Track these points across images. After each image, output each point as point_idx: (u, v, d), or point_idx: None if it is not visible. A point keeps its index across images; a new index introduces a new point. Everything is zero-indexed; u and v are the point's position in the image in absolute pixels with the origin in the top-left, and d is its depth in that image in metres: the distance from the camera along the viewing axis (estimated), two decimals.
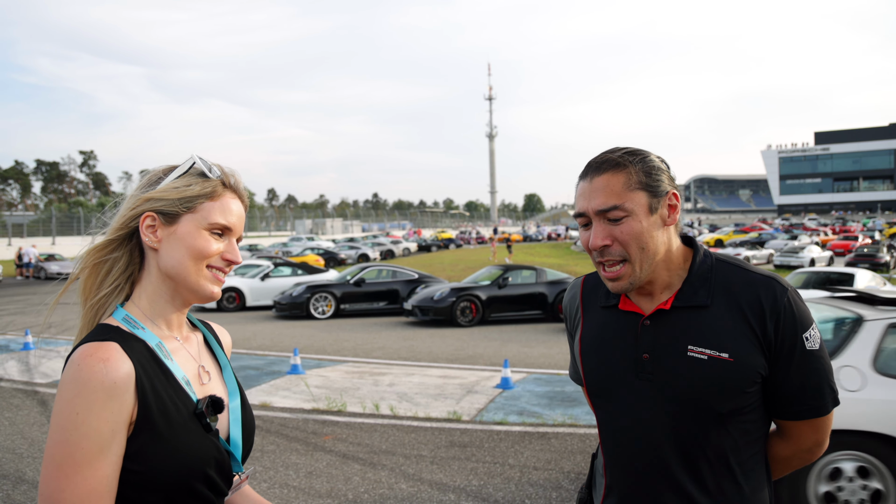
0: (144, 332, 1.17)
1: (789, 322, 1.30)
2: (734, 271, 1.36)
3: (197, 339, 1.31)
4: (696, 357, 1.30)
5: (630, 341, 1.38)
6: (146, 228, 1.19)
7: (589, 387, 1.46)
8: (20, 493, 4.48)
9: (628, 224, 1.30)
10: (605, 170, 1.32)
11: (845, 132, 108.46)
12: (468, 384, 7.74)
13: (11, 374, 8.51)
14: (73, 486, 1.02)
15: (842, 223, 67.52)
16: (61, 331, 13.00)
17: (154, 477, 1.09)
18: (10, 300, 20.01)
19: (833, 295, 4.48)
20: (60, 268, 29.77)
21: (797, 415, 1.35)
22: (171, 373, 1.16)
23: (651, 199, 1.31)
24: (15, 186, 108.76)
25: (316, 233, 63.49)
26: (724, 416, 1.30)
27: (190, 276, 1.19)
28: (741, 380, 1.29)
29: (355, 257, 35.71)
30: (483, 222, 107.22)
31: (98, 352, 1.07)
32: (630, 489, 1.38)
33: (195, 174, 1.22)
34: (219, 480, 1.17)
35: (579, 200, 1.36)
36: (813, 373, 1.32)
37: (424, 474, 4.81)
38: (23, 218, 50.13)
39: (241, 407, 1.28)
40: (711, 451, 1.31)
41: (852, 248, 34.09)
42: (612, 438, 1.42)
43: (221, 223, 1.21)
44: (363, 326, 13.82)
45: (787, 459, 1.44)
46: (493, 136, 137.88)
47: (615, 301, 1.43)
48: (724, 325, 1.31)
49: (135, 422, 1.08)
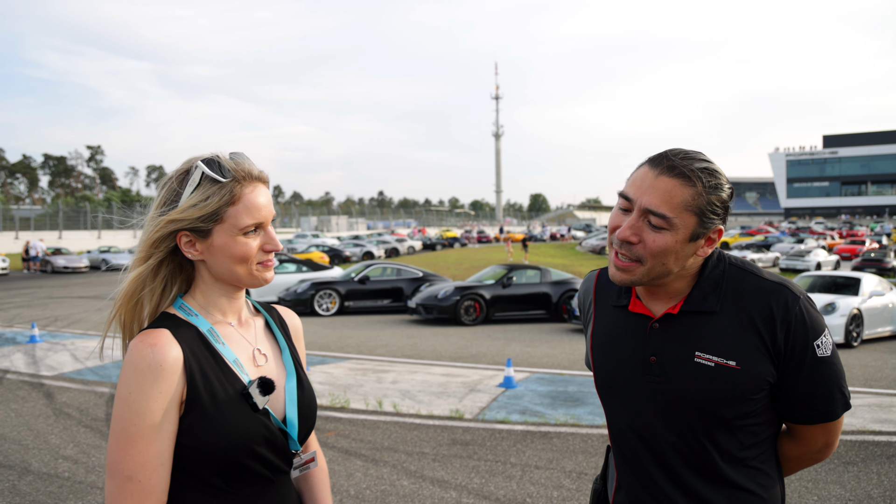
0: (198, 318, 1.26)
1: (800, 330, 1.28)
2: (746, 277, 1.34)
3: (256, 324, 1.37)
4: (702, 364, 1.30)
5: (639, 343, 1.37)
6: (185, 245, 1.25)
7: (598, 381, 1.47)
8: (26, 483, 4.52)
9: (664, 237, 1.26)
10: (678, 175, 1.26)
11: (854, 136, 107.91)
12: (471, 383, 7.76)
13: (18, 367, 8.57)
14: (130, 457, 1.13)
15: (849, 227, 67.12)
16: (67, 324, 13.07)
17: (203, 452, 1.18)
18: (18, 293, 20.12)
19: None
20: (67, 262, 29.96)
21: (807, 419, 1.34)
22: (220, 356, 1.24)
23: (699, 227, 1.27)
24: (23, 180, 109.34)
25: (321, 230, 63.55)
26: (730, 421, 1.30)
27: (241, 277, 1.27)
28: (748, 387, 1.28)
29: (360, 255, 35.77)
30: (488, 221, 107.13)
31: (148, 338, 1.17)
32: (638, 486, 1.39)
33: (208, 181, 1.22)
34: (272, 457, 1.24)
35: (634, 185, 1.30)
36: (824, 379, 1.31)
37: (426, 472, 4.82)
38: (30, 212, 50.41)
39: (297, 388, 1.33)
40: (717, 453, 1.31)
41: (859, 253, 33.95)
42: (620, 436, 1.43)
43: (251, 223, 1.24)
44: (367, 324, 13.85)
45: (798, 459, 1.44)
46: (499, 136, 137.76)
47: (626, 301, 1.43)
48: (732, 332, 1.30)
49: (185, 401, 1.18)
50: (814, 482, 4.60)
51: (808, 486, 4.53)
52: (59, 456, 5.09)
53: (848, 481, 4.62)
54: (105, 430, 5.80)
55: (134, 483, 1.13)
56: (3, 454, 5.13)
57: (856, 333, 11.16)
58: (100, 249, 34.21)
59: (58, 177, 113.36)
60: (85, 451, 5.20)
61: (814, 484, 4.57)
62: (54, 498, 4.28)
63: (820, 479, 4.67)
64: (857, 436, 5.69)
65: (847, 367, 9.07)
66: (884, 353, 10.54)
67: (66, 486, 4.49)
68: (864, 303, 11.47)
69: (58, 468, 4.82)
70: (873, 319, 11.56)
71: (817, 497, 4.34)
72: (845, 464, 4.97)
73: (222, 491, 1.21)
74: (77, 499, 4.26)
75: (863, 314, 11.31)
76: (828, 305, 11.16)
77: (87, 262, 31.09)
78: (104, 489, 1.23)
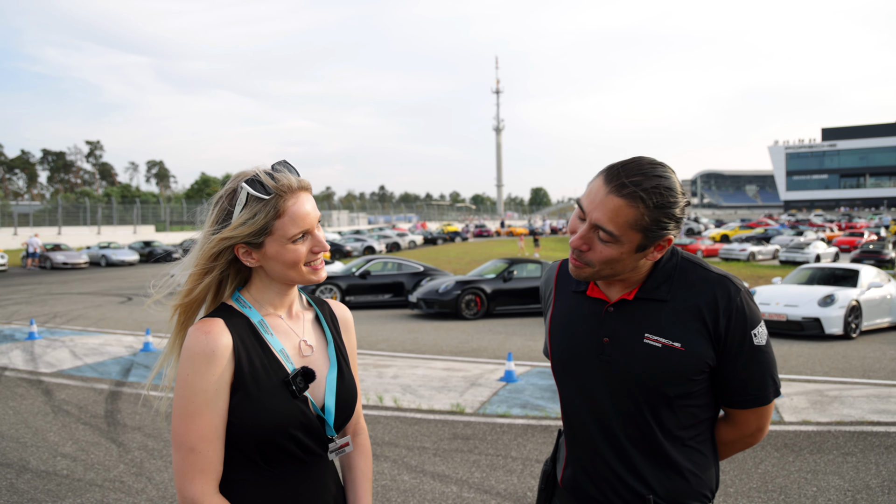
0: (250, 310, 1.41)
1: (740, 320, 1.40)
2: (695, 270, 1.47)
3: (306, 317, 1.51)
4: (651, 344, 1.42)
5: (594, 325, 1.49)
6: (243, 255, 1.39)
7: (554, 362, 1.58)
8: (24, 481, 4.51)
9: (611, 249, 1.37)
10: (625, 196, 1.33)
11: (853, 128, 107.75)
12: (472, 377, 7.75)
13: (16, 364, 8.56)
14: (191, 431, 1.29)
15: (848, 219, 67.17)
16: (67, 320, 13.05)
17: (245, 429, 1.32)
18: (16, 289, 20.09)
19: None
20: (66, 258, 29.92)
21: (742, 404, 1.47)
22: (268, 345, 1.38)
23: (644, 241, 1.38)
24: (21, 176, 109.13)
25: (322, 224, 63.19)
26: (673, 399, 1.42)
27: (294, 278, 1.41)
28: (690, 367, 1.40)
29: (361, 249, 35.74)
30: (489, 216, 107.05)
31: (204, 326, 1.34)
32: (585, 460, 1.51)
33: (254, 201, 1.35)
34: (307, 440, 1.38)
35: (588, 197, 1.39)
36: (758, 366, 1.44)
37: (427, 466, 4.82)
38: (29, 207, 50.38)
39: (336, 378, 1.46)
40: (660, 430, 1.43)
41: (858, 245, 33.92)
42: (571, 410, 1.55)
43: (298, 232, 1.36)
44: (368, 318, 13.84)
45: (732, 443, 1.55)
46: (500, 130, 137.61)
47: (584, 287, 1.55)
48: (679, 317, 1.42)
49: (232, 383, 1.33)
50: (813, 473, 4.60)
51: (808, 476, 4.53)
52: (58, 453, 5.08)
53: (847, 472, 4.62)
54: (104, 426, 5.79)
55: (196, 454, 1.29)
56: (1, 452, 5.12)
57: (854, 325, 11.16)
58: (99, 245, 34.17)
59: (57, 172, 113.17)
60: (84, 449, 5.20)
61: (812, 475, 4.57)
62: (52, 496, 4.27)
63: (819, 469, 4.67)
64: (855, 426, 5.69)
65: (846, 359, 9.09)
66: (882, 344, 10.54)
67: (64, 483, 4.49)
68: (862, 294, 11.47)
69: (56, 466, 4.82)
70: (872, 311, 11.55)
71: (816, 488, 4.34)
72: (844, 454, 4.97)
73: (260, 467, 1.35)
74: (75, 496, 4.26)
75: (861, 306, 11.31)
76: (827, 297, 11.15)
77: (87, 258, 31.04)
78: (172, 460, 1.42)
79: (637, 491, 1.44)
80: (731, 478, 4.56)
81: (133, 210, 50.40)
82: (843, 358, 9.24)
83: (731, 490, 4.35)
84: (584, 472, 1.51)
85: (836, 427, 5.71)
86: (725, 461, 4.85)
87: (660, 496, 1.43)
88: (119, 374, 7.96)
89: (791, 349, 10.02)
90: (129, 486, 4.41)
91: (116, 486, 4.41)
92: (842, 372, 8.24)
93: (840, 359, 9.18)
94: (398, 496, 4.27)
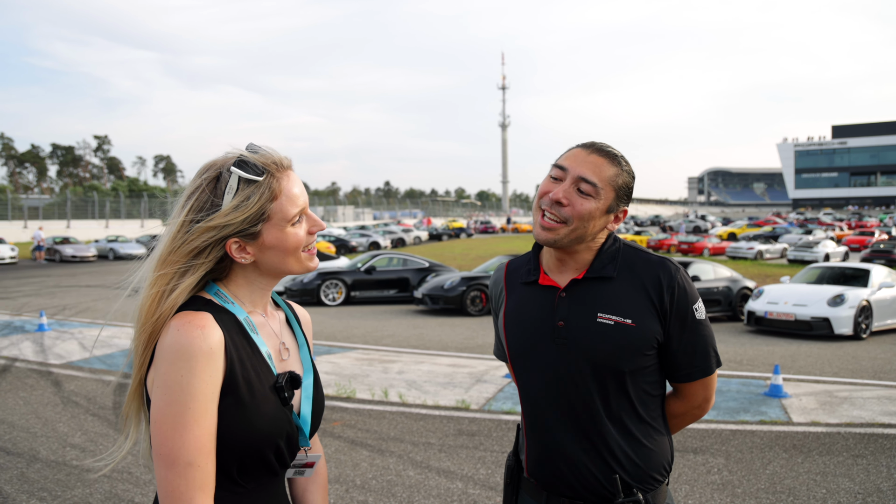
0: (234, 306, 1.25)
1: (682, 295, 1.51)
2: (636, 254, 1.58)
3: (279, 318, 1.38)
4: (604, 322, 1.50)
5: (548, 311, 1.56)
6: (236, 252, 1.23)
7: (511, 354, 1.62)
8: (34, 471, 4.54)
9: (590, 203, 1.49)
10: (606, 157, 1.52)
11: (863, 126, 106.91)
12: (477, 373, 7.75)
13: (26, 355, 8.61)
14: (187, 443, 1.11)
15: (858, 218, 66.70)
16: (75, 313, 13.13)
17: (230, 439, 1.16)
18: (26, 282, 20.22)
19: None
20: (75, 251, 30.11)
21: (689, 376, 1.57)
22: (256, 346, 1.24)
23: (615, 201, 1.53)
24: (31, 170, 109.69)
25: (327, 220, 63.55)
26: (627, 375, 1.50)
27: (292, 267, 1.29)
28: (641, 343, 1.49)
29: (366, 245, 35.77)
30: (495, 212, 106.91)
31: (195, 319, 1.15)
32: (550, 447, 1.55)
33: (246, 184, 1.21)
34: (286, 452, 1.25)
35: (568, 159, 1.52)
36: (701, 339, 1.55)
37: (432, 462, 4.82)
38: (38, 201, 50.63)
39: (312, 385, 1.34)
40: (616, 406, 1.51)
41: (868, 244, 33.66)
42: (531, 398, 1.59)
43: (296, 212, 1.25)
44: (373, 314, 13.85)
45: (682, 416, 1.66)
46: (505, 126, 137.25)
47: (535, 277, 1.61)
48: (627, 295, 1.52)
49: (222, 386, 1.16)
50: (822, 475, 4.57)
51: (817, 479, 4.51)
52: (67, 444, 5.11)
53: (857, 474, 4.59)
54: (112, 418, 5.82)
55: (195, 469, 1.11)
56: (12, 442, 5.15)
57: (865, 325, 11.09)
58: (107, 239, 34.33)
59: (66, 166, 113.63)
60: (92, 440, 5.22)
61: (822, 477, 4.54)
62: (62, 486, 4.30)
63: (829, 471, 4.64)
64: (866, 428, 5.65)
65: (856, 359, 9.04)
66: (893, 345, 10.47)
67: (73, 473, 4.51)
68: (873, 294, 11.39)
69: (66, 456, 4.84)
70: (882, 311, 11.47)
71: (826, 490, 4.32)
72: (854, 456, 4.94)
73: (233, 482, 1.20)
74: (84, 486, 4.28)
75: (872, 306, 11.23)
76: (836, 297, 11.07)
77: (95, 251, 31.24)
78: (157, 480, 1.14)
79: (602, 470, 1.49)
80: (738, 478, 4.54)
81: (140, 204, 50.66)
82: (853, 358, 9.18)
83: (738, 491, 4.32)
84: (548, 458, 1.55)
85: (845, 429, 5.67)
86: (732, 461, 4.83)
87: (626, 472, 1.49)
88: (127, 366, 7.98)
89: (800, 349, 9.97)
90: (137, 478, 4.43)
91: (124, 477, 4.42)
92: (851, 373, 8.18)
93: (850, 359, 9.11)
94: (403, 491, 4.27)
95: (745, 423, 5.82)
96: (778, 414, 6.11)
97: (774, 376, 6.85)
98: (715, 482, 4.46)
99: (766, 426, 5.73)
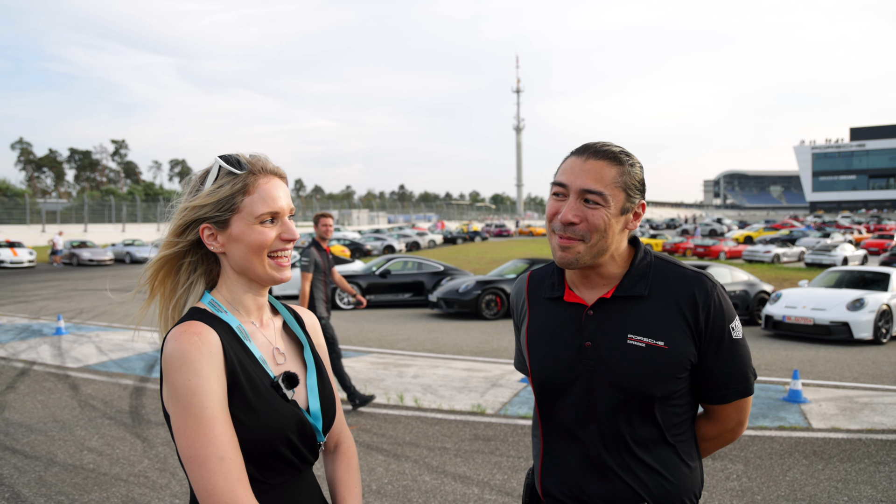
0: (227, 315, 1.31)
1: (719, 314, 1.42)
2: (669, 268, 1.48)
3: (275, 324, 1.42)
4: (635, 345, 1.41)
5: (574, 330, 1.48)
6: (208, 238, 1.32)
7: (534, 375, 1.53)
8: (52, 474, 4.57)
9: (601, 212, 1.40)
10: (603, 158, 1.41)
11: (882, 128, 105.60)
12: (493, 377, 7.71)
13: (44, 359, 8.70)
14: (215, 439, 1.16)
15: (877, 221, 65.85)
16: (92, 316, 13.25)
17: (243, 435, 1.21)
18: (44, 286, 20.46)
19: None
20: (92, 255, 30.41)
21: (724, 398, 1.48)
22: (250, 351, 1.30)
23: (627, 201, 1.43)
24: (49, 174, 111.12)
25: (342, 223, 63.80)
26: (658, 400, 1.42)
27: (256, 268, 1.32)
28: (673, 366, 1.41)
29: (381, 248, 35.86)
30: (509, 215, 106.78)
31: (191, 328, 1.22)
32: (566, 467, 1.48)
33: (225, 175, 1.30)
34: (302, 447, 1.30)
35: (566, 173, 1.43)
36: (738, 359, 1.46)
37: (448, 467, 4.79)
38: (56, 205, 51.22)
39: (317, 382, 1.39)
40: (644, 431, 1.43)
41: (887, 247, 33.23)
42: (553, 420, 1.51)
43: (267, 212, 1.29)
44: (388, 318, 13.86)
45: (714, 439, 1.57)
46: (520, 129, 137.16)
47: (560, 293, 1.53)
48: (660, 315, 1.43)
49: (227, 385, 1.22)
50: (844, 482, 4.50)
51: (839, 486, 4.43)
52: (84, 447, 5.14)
53: (879, 481, 4.51)
54: (129, 422, 5.85)
55: (227, 462, 1.15)
56: (30, 445, 5.19)
57: (885, 330, 10.92)
58: (124, 242, 34.65)
59: (83, 171, 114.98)
60: (109, 443, 5.25)
61: (844, 484, 4.46)
62: (79, 489, 4.32)
63: (850, 479, 4.56)
64: (887, 435, 5.56)
65: (876, 365, 8.89)
66: None
67: (90, 477, 4.54)
68: (893, 298, 11.20)
69: (83, 459, 4.87)
70: None
71: (847, 497, 4.24)
72: (876, 464, 4.85)
73: (254, 480, 1.24)
74: (101, 490, 4.30)
75: (892, 310, 11.06)
76: (856, 301, 10.92)
77: (112, 255, 31.52)
78: (193, 485, 1.17)
79: (628, 497, 1.42)
80: (757, 485, 4.47)
81: (156, 208, 51.08)
82: (874, 364, 9.04)
83: (758, 498, 4.26)
84: (570, 484, 1.47)
85: (867, 435, 5.58)
86: (751, 467, 4.76)
87: (653, 499, 1.42)
88: (143, 370, 8.05)
89: (818, 354, 9.83)
90: (154, 482, 4.44)
91: (141, 482, 4.44)
92: (872, 378, 8.05)
93: (870, 364, 8.97)
94: (419, 497, 4.25)
95: (764, 428, 5.75)
96: (797, 420, 6.02)
97: (793, 381, 6.76)
98: (734, 489, 4.40)
99: (786, 432, 5.65)
